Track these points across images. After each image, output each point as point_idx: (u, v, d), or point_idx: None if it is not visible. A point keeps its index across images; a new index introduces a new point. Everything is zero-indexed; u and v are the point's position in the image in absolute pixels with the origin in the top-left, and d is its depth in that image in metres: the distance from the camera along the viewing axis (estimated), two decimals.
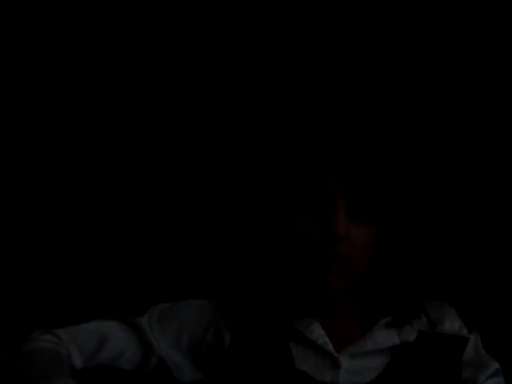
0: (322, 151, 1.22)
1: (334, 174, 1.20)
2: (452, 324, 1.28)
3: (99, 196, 1.69)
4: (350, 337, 1.27)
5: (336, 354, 1.25)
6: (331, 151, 1.22)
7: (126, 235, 1.68)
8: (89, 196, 1.69)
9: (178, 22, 1.70)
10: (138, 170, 1.69)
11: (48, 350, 1.21)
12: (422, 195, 1.61)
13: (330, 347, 1.25)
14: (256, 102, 1.68)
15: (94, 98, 1.71)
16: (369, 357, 1.25)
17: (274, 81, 1.68)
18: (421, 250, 1.50)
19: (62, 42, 1.69)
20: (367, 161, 1.22)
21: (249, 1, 1.69)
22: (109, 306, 1.54)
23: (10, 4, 1.68)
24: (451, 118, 1.67)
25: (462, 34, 1.67)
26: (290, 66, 1.69)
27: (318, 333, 1.26)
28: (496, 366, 1.28)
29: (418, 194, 1.56)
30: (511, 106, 1.66)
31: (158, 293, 1.55)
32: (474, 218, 1.67)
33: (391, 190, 1.26)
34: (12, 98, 1.70)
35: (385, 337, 1.26)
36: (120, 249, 1.67)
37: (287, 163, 1.25)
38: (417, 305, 1.29)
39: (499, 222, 1.66)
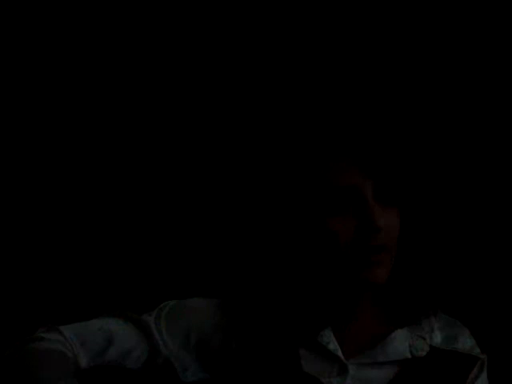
0: (342, 146, 1.22)
1: (356, 166, 1.20)
2: (465, 342, 1.28)
3: (102, 196, 1.69)
4: (361, 344, 1.25)
5: (345, 361, 1.24)
6: (349, 145, 1.21)
7: (135, 232, 1.67)
8: (91, 196, 1.68)
9: (179, 22, 1.70)
10: (142, 170, 1.69)
11: (52, 350, 1.19)
12: (444, 177, 1.62)
13: (340, 353, 1.24)
14: (272, 100, 1.68)
15: (94, 98, 1.70)
16: (378, 367, 1.24)
17: (291, 77, 1.69)
18: (440, 251, 1.51)
19: (62, 42, 1.69)
20: (388, 147, 1.22)
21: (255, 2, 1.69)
22: (115, 303, 1.53)
23: (10, 4, 1.67)
24: (474, 105, 1.68)
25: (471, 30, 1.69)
26: (303, 61, 1.69)
27: (329, 338, 1.24)
28: None
29: (438, 176, 1.57)
30: None
31: (167, 291, 1.54)
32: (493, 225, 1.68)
33: (413, 170, 1.26)
34: (12, 98, 1.69)
35: (397, 349, 1.25)
36: (128, 246, 1.67)
37: (309, 163, 1.24)
38: (432, 312, 1.29)
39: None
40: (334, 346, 1.24)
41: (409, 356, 1.25)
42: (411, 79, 1.67)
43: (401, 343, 1.26)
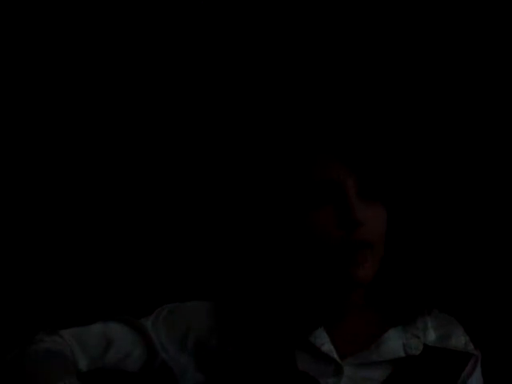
0: (326, 141, 1.22)
1: (339, 160, 1.21)
2: (458, 340, 1.28)
3: (101, 202, 1.69)
4: (356, 344, 1.26)
5: (340, 362, 1.23)
6: (333, 139, 1.22)
7: (131, 236, 1.68)
8: (91, 202, 1.69)
9: (176, 21, 1.70)
10: (140, 174, 1.69)
11: (53, 351, 1.20)
12: (429, 172, 1.62)
13: (335, 354, 1.24)
14: (257, 96, 1.68)
15: (94, 98, 1.71)
16: (373, 367, 1.24)
17: (275, 74, 1.68)
18: (431, 248, 1.50)
19: (62, 42, 1.69)
20: (371, 142, 1.23)
21: None
22: (114, 308, 1.53)
23: (10, 4, 1.68)
24: (455, 99, 1.68)
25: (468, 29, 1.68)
26: (288, 60, 1.69)
27: (323, 339, 1.24)
28: None
29: (423, 170, 1.56)
30: None
31: (164, 295, 1.54)
32: (480, 219, 1.67)
33: (397, 166, 1.26)
34: (12, 98, 1.69)
35: (391, 349, 1.25)
36: (124, 251, 1.67)
37: (292, 158, 1.25)
38: (424, 310, 1.29)
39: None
40: (328, 347, 1.24)
41: (403, 355, 1.25)
42: (394, 76, 1.67)
43: (395, 342, 1.26)
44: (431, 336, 1.27)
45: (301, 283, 1.27)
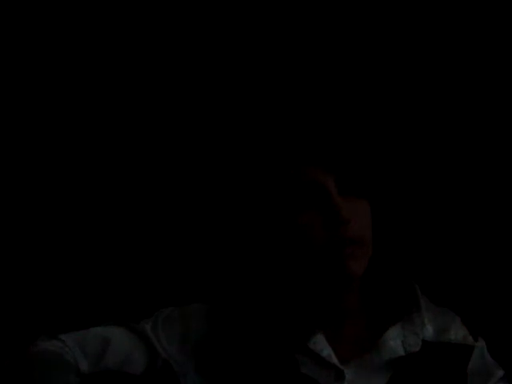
0: (302, 145, 1.23)
1: (316, 162, 1.22)
2: (457, 332, 1.27)
3: (99, 207, 1.69)
4: (355, 348, 1.25)
5: (341, 367, 1.23)
6: (310, 143, 1.23)
7: (129, 241, 1.68)
8: (90, 207, 1.69)
9: (175, 21, 1.70)
10: (134, 180, 1.70)
11: (54, 357, 1.20)
12: (406, 166, 1.62)
13: (334, 359, 1.23)
14: (234, 101, 1.69)
15: (94, 98, 1.70)
16: (374, 369, 1.24)
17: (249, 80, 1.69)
18: (419, 236, 1.50)
19: (62, 42, 1.69)
20: (345, 141, 1.24)
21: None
22: (112, 311, 1.54)
23: (10, 4, 1.68)
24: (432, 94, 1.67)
25: (458, 31, 1.68)
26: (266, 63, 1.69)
27: (322, 344, 1.24)
28: (501, 373, 1.28)
29: (401, 166, 1.57)
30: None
31: (163, 299, 1.54)
32: (473, 212, 1.67)
33: (373, 161, 1.28)
34: (12, 98, 1.69)
35: (391, 349, 1.24)
36: (124, 255, 1.67)
37: (270, 163, 1.26)
38: (420, 304, 1.28)
39: (498, 218, 1.66)
40: (327, 352, 1.24)
41: (402, 353, 1.25)
42: (366, 73, 1.66)
43: (394, 342, 1.25)
44: (429, 331, 1.27)
45: (295, 286, 1.27)
